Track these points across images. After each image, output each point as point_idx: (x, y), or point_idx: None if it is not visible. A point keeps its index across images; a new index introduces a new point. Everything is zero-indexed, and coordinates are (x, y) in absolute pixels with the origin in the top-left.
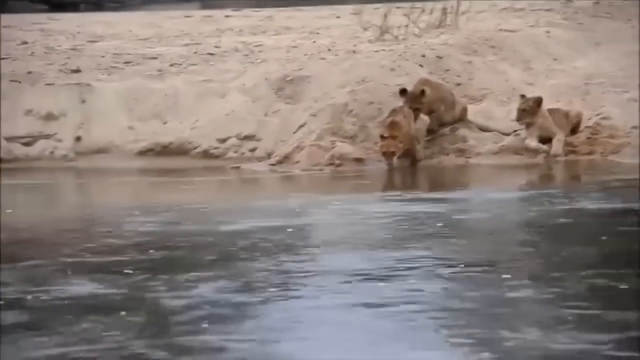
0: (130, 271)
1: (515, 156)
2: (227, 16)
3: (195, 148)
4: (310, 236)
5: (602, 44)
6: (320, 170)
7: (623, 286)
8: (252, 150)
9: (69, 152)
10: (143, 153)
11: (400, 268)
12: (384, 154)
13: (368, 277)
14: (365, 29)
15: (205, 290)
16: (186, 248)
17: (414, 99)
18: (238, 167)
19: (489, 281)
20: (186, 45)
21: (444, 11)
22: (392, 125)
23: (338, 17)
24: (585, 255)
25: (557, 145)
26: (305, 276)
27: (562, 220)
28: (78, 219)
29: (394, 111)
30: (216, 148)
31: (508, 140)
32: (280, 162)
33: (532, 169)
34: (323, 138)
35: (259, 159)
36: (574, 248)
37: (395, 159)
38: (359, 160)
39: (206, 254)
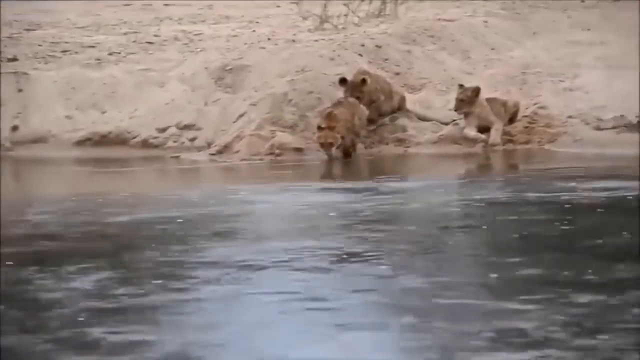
0: (11, 263)
1: (454, 145)
2: (166, 5)
3: (134, 137)
4: (204, 227)
5: (539, 34)
6: (260, 159)
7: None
8: (192, 139)
9: (5, 142)
10: (81, 142)
11: (283, 259)
12: (322, 145)
13: (247, 267)
14: (305, 18)
15: (87, 282)
16: (78, 239)
17: (355, 88)
18: (177, 157)
19: (362, 271)
20: (125, 33)
21: (383, 0)
22: (330, 116)
23: (278, 7)
24: (470, 246)
25: (495, 135)
26: (189, 268)
27: (451, 209)
28: None
29: (337, 103)
30: (155, 137)
31: (447, 130)
32: (220, 152)
33: (470, 158)
34: (263, 127)
35: (199, 149)
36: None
37: (334, 150)
38: (298, 150)
39: (97, 245)
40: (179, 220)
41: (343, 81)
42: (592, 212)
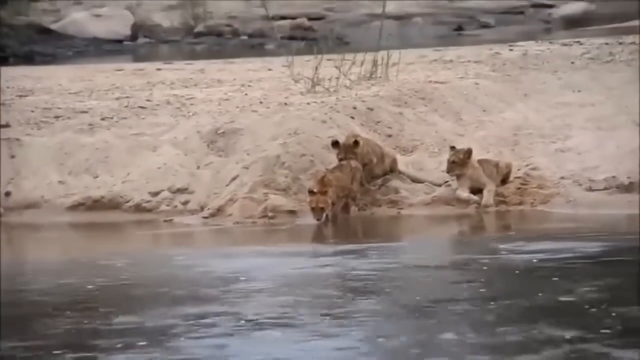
0: None
1: (447, 207)
2: (158, 69)
3: (127, 202)
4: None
5: (530, 95)
6: (254, 222)
7: None
8: (185, 203)
9: None
10: (74, 207)
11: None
12: (313, 209)
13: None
14: (296, 81)
15: None
16: None
17: (347, 150)
18: (170, 221)
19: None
20: (117, 98)
21: (374, 63)
22: (322, 181)
23: (270, 70)
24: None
25: (487, 196)
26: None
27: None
28: None
29: (337, 166)
30: (148, 201)
31: (440, 191)
32: (213, 215)
33: (463, 219)
34: (256, 190)
35: (192, 212)
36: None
37: (324, 215)
38: (292, 213)
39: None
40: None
41: (335, 144)
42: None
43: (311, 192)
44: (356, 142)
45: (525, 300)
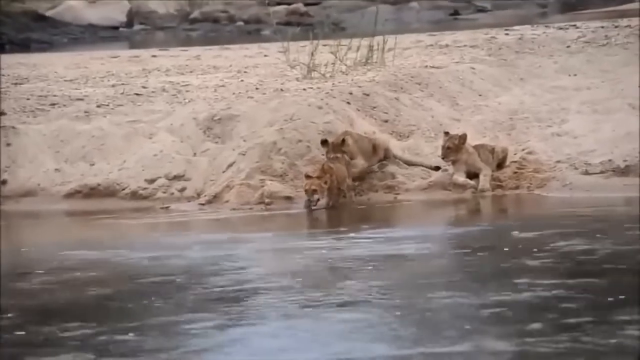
0: None
1: (444, 192)
2: (154, 56)
3: (123, 189)
4: None
5: (526, 79)
6: (250, 209)
7: None
8: (181, 190)
9: None
10: (70, 195)
11: None
12: (306, 191)
13: None
14: (292, 67)
15: None
16: None
17: (335, 147)
18: (167, 208)
19: None
20: (113, 86)
21: (371, 48)
22: (322, 168)
23: (266, 56)
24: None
25: (484, 181)
26: None
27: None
28: None
29: (334, 158)
30: (145, 189)
31: (436, 176)
32: (209, 202)
33: (460, 204)
34: (252, 177)
35: (188, 199)
36: None
37: (316, 197)
38: (288, 199)
39: None
40: None
41: (325, 142)
42: None
43: (308, 177)
44: (343, 140)
45: None
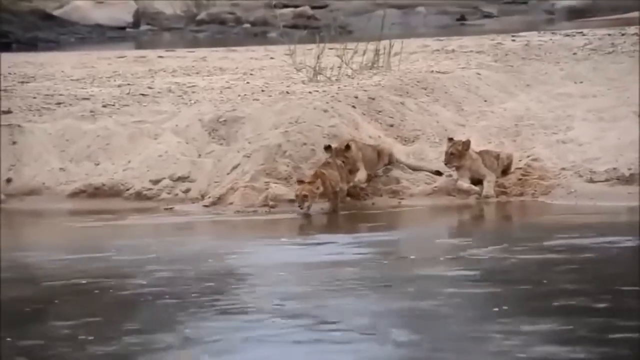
0: None
1: (448, 197)
2: (160, 57)
3: (128, 189)
4: None
5: (532, 86)
6: (254, 211)
7: None
8: (186, 191)
9: None
10: (75, 195)
11: None
12: (296, 197)
13: None
14: (298, 70)
15: None
16: None
17: (338, 153)
18: (171, 209)
19: None
20: (119, 86)
21: (377, 52)
22: (315, 173)
23: (272, 58)
24: None
25: (487, 187)
26: None
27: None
28: None
29: (326, 163)
30: (149, 189)
31: (441, 181)
32: (213, 204)
33: (463, 210)
34: (257, 179)
35: (193, 200)
36: None
37: (306, 204)
38: (292, 202)
39: None
40: None
41: (328, 148)
42: None
43: (300, 182)
44: (348, 146)
45: None
